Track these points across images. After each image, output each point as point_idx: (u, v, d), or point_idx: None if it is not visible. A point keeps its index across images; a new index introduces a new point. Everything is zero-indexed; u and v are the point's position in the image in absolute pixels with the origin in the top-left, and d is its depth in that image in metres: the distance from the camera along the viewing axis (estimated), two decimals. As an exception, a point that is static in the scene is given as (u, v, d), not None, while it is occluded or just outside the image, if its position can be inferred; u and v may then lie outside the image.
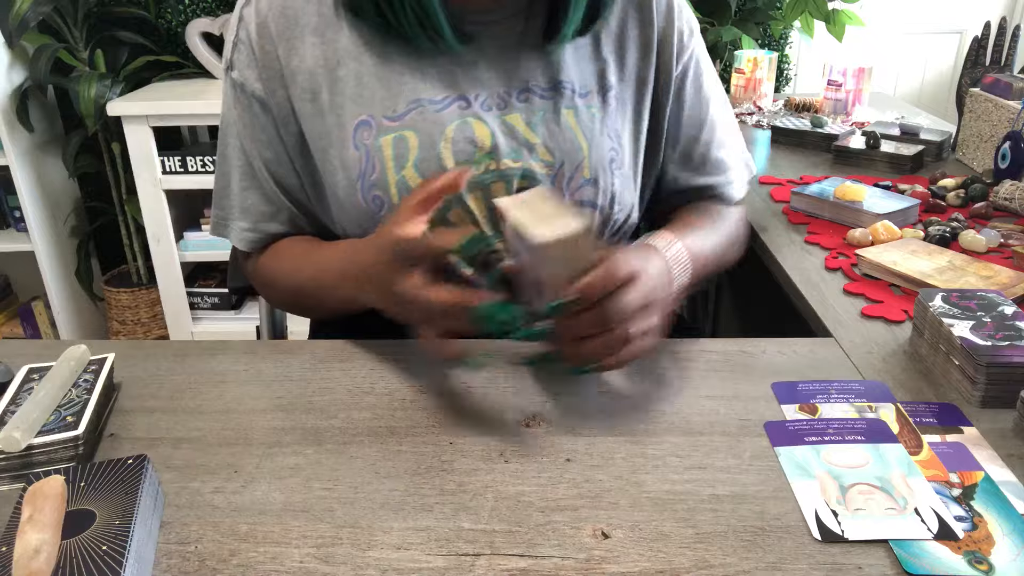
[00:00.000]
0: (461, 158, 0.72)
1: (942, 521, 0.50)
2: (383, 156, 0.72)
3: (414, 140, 0.72)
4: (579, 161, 0.74)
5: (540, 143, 0.74)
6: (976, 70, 1.42)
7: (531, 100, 0.74)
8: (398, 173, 0.72)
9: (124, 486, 0.49)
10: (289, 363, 0.71)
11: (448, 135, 0.72)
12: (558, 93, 0.75)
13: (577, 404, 0.63)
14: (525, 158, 0.73)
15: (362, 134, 0.73)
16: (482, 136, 0.72)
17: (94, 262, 2.42)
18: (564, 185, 0.74)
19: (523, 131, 0.74)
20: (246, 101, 0.77)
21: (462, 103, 0.73)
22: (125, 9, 2.16)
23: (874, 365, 0.69)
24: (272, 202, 0.80)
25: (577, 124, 0.75)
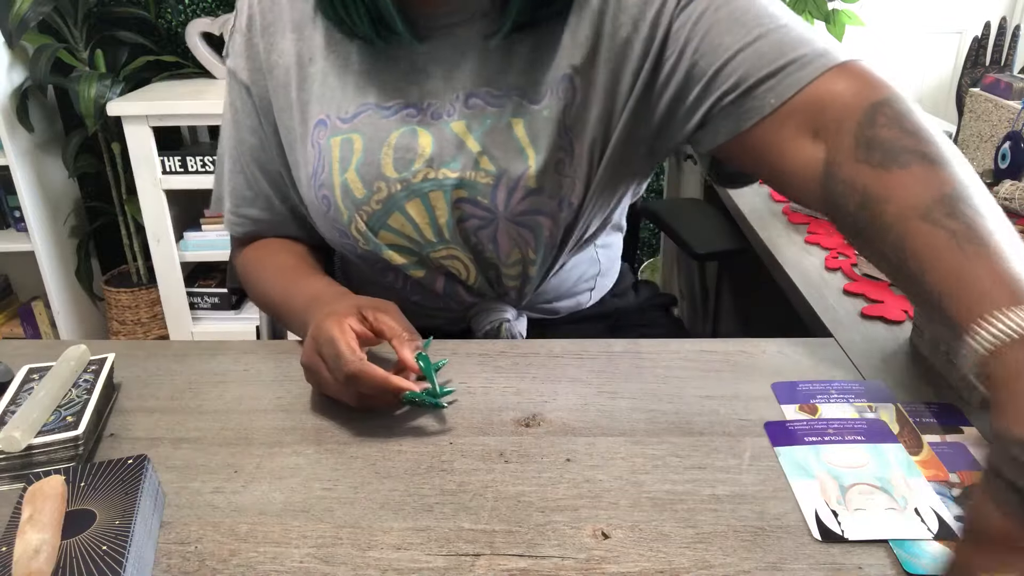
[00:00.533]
0: (400, 166, 0.72)
1: (942, 521, 0.50)
2: (331, 156, 0.73)
3: (359, 143, 0.73)
4: (522, 172, 0.71)
5: (481, 151, 0.71)
6: (976, 70, 1.43)
7: (479, 108, 0.71)
8: (342, 175, 0.73)
9: (124, 486, 0.49)
10: (289, 363, 0.71)
11: (391, 141, 0.72)
12: (508, 99, 0.71)
13: (577, 404, 0.63)
14: (464, 168, 0.71)
15: (318, 132, 0.74)
16: (423, 144, 0.72)
17: (94, 262, 2.42)
18: (506, 196, 0.72)
19: (466, 139, 0.72)
20: (237, 88, 0.80)
21: (411, 111, 0.73)
22: (125, 9, 2.16)
23: (874, 365, 0.69)
24: (251, 187, 0.82)
25: (525, 133, 0.71)
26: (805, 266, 0.92)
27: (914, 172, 0.56)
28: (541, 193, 0.72)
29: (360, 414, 0.62)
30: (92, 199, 2.38)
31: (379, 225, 0.74)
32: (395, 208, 0.73)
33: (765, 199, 1.16)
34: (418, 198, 0.73)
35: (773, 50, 0.65)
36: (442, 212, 0.73)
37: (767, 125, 0.66)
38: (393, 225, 0.74)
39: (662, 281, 2.22)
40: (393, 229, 0.75)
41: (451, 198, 0.72)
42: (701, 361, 0.70)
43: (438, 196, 0.72)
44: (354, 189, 0.73)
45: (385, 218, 0.74)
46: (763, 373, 0.68)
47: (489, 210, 0.73)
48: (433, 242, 0.75)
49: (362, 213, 0.74)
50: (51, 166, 2.20)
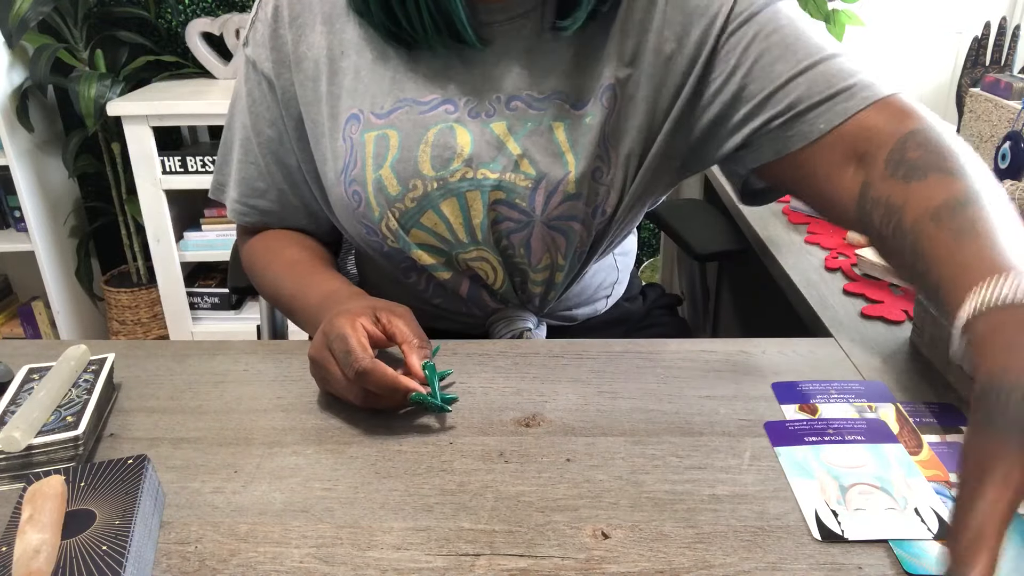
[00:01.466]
0: (437, 164, 0.71)
1: (942, 521, 0.50)
2: (364, 152, 0.72)
3: (395, 139, 0.71)
4: (562, 176, 0.71)
5: (522, 154, 0.71)
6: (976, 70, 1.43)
7: (519, 109, 0.71)
8: (375, 172, 0.72)
9: (124, 486, 0.49)
10: (289, 363, 0.71)
11: (428, 139, 0.71)
12: (550, 103, 0.71)
13: (577, 404, 0.63)
14: (503, 169, 0.71)
15: (351, 127, 0.73)
16: (462, 143, 0.71)
17: (94, 262, 2.42)
18: (544, 200, 0.72)
19: (507, 141, 0.71)
20: (256, 78, 0.77)
21: (449, 107, 0.72)
22: (125, 9, 2.16)
23: (874, 365, 0.69)
24: (264, 179, 0.80)
25: (566, 137, 0.71)
26: (805, 266, 0.92)
27: (930, 182, 0.58)
28: (579, 199, 0.72)
29: (360, 414, 0.62)
30: (92, 199, 2.38)
31: (411, 223, 0.73)
32: (429, 206, 0.72)
33: (765, 199, 1.16)
34: (454, 197, 0.72)
35: (824, 79, 0.67)
36: (477, 213, 0.72)
37: (814, 149, 0.68)
38: (426, 224, 0.73)
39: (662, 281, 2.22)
40: (425, 228, 0.74)
41: (488, 199, 0.72)
42: (701, 361, 0.70)
43: (475, 196, 0.72)
44: (388, 186, 0.72)
45: (418, 216, 0.73)
46: (763, 373, 0.68)
47: (526, 213, 0.73)
48: (464, 243, 0.74)
49: (395, 210, 0.73)
50: (51, 166, 2.20)
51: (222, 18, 2.15)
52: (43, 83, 2.03)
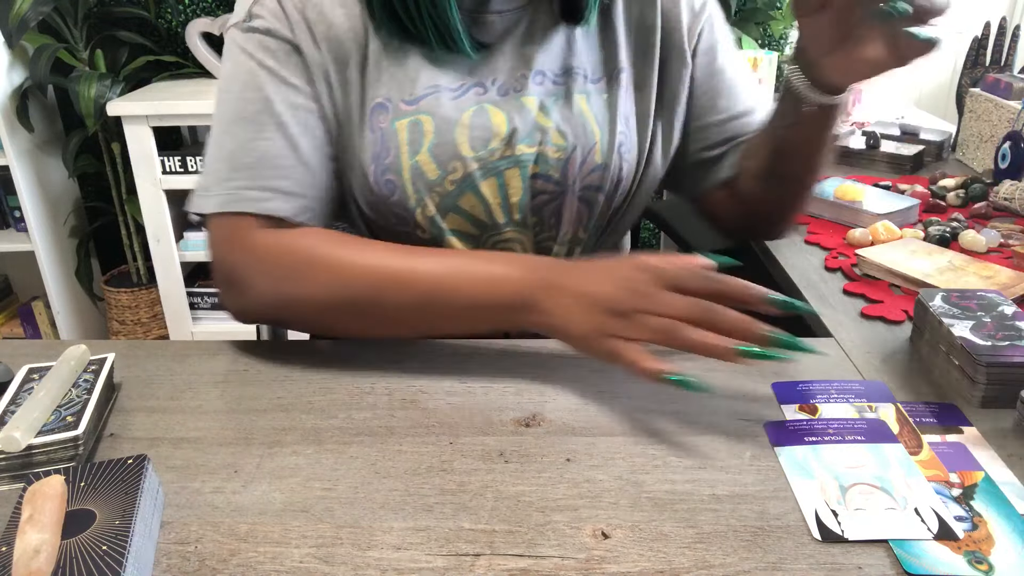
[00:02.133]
0: (477, 144, 0.72)
1: (942, 521, 0.50)
2: (398, 140, 0.71)
3: (429, 125, 0.72)
4: (591, 146, 0.75)
5: (553, 127, 0.74)
6: (976, 70, 1.42)
7: (545, 84, 0.75)
8: (412, 158, 0.71)
9: (124, 486, 0.49)
10: (289, 363, 0.71)
11: (464, 121, 0.72)
12: (571, 78, 0.76)
13: (577, 404, 0.63)
14: (538, 143, 0.74)
15: (377, 117, 0.72)
16: (498, 123, 0.73)
17: (94, 262, 2.42)
18: (576, 170, 0.75)
19: (537, 115, 0.74)
20: (274, 46, 0.69)
21: (479, 89, 0.74)
22: (125, 9, 2.16)
23: (874, 365, 0.69)
24: (291, 151, 0.69)
25: (589, 109, 0.75)
26: (805, 266, 0.92)
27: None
28: (605, 170, 0.76)
29: (361, 414, 0.62)
30: (92, 199, 2.38)
31: (450, 207, 0.74)
32: (469, 188, 0.73)
33: (765, 199, 1.16)
34: (493, 176, 0.73)
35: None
36: (516, 190, 0.74)
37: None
38: (464, 207, 0.74)
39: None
40: (463, 211, 0.74)
41: (527, 175, 0.74)
42: (701, 361, 0.70)
43: (514, 174, 0.74)
44: (427, 171, 0.72)
45: (458, 198, 0.73)
46: (763, 373, 0.68)
47: (560, 184, 0.75)
48: (500, 224, 0.76)
49: (434, 195, 0.73)
50: (51, 166, 2.20)
51: (222, 18, 2.15)
52: (43, 83, 2.03)
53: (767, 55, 1.77)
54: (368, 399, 0.65)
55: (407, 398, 0.65)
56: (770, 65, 1.77)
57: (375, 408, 0.63)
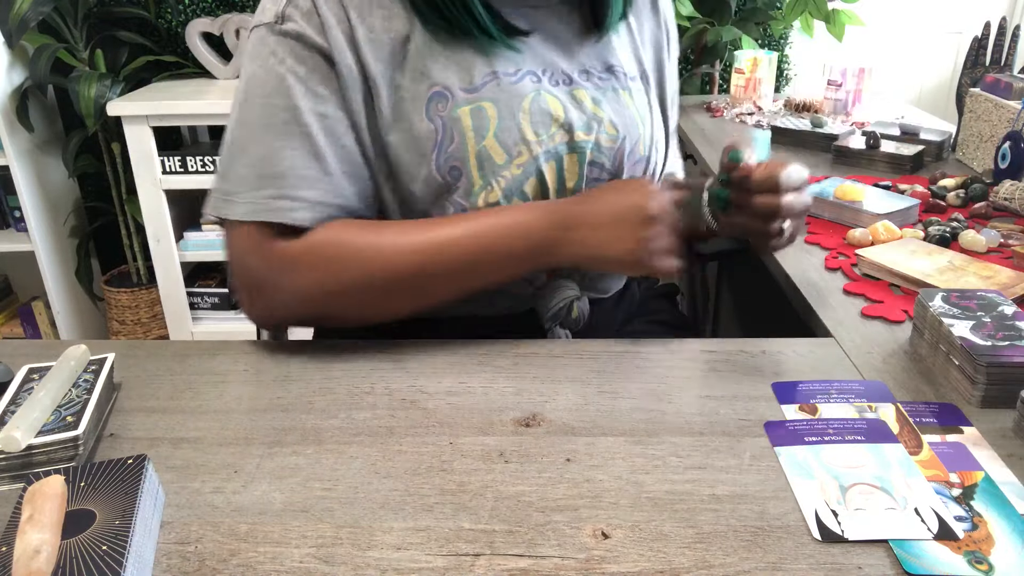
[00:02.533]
0: (539, 129, 0.74)
1: (942, 521, 0.50)
2: (462, 127, 0.72)
3: (492, 111, 0.73)
4: (638, 138, 0.80)
5: (607, 118, 0.78)
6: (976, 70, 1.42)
7: (592, 80, 0.79)
8: (479, 144, 0.72)
9: (124, 486, 0.49)
10: (289, 363, 0.71)
11: (525, 107, 0.74)
12: (613, 75, 0.80)
13: (577, 404, 0.63)
14: (594, 131, 0.77)
15: (436, 106, 0.71)
16: (555, 109, 0.75)
17: (94, 262, 2.42)
18: (625, 159, 0.79)
19: (590, 106, 0.77)
20: (305, 53, 0.69)
21: (533, 77, 0.76)
22: (125, 9, 2.16)
23: (874, 365, 0.69)
24: (317, 162, 0.70)
25: (632, 103, 0.80)
26: (805, 266, 0.92)
27: None
28: (648, 163, 0.82)
29: (360, 414, 0.62)
30: (92, 199, 2.38)
31: (515, 191, 0.74)
32: (533, 172, 0.75)
33: (765, 199, 1.16)
34: (554, 161, 0.76)
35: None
36: (572, 175, 0.77)
37: None
38: (527, 191, 0.75)
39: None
40: (525, 195, 0.75)
41: (586, 160, 0.77)
42: (701, 361, 0.70)
43: (572, 159, 0.76)
44: (494, 156, 0.73)
45: (523, 183, 0.74)
46: (763, 373, 0.68)
47: (611, 172, 0.79)
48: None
49: (500, 179, 0.73)
50: (51, 166, 2.20)
51: (222, 18, 2.15)
52: (43, 83, 2.03)
53: (767, 55, 1.77)
54: (368, 399, 0.65)
55: (407, 398, 0.65)
56: (770, 65, 1.77)
57: (375, 408, 0.63)
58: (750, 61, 1.76)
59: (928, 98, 2.55)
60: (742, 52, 1.79)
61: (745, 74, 1.78)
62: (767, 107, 1.76)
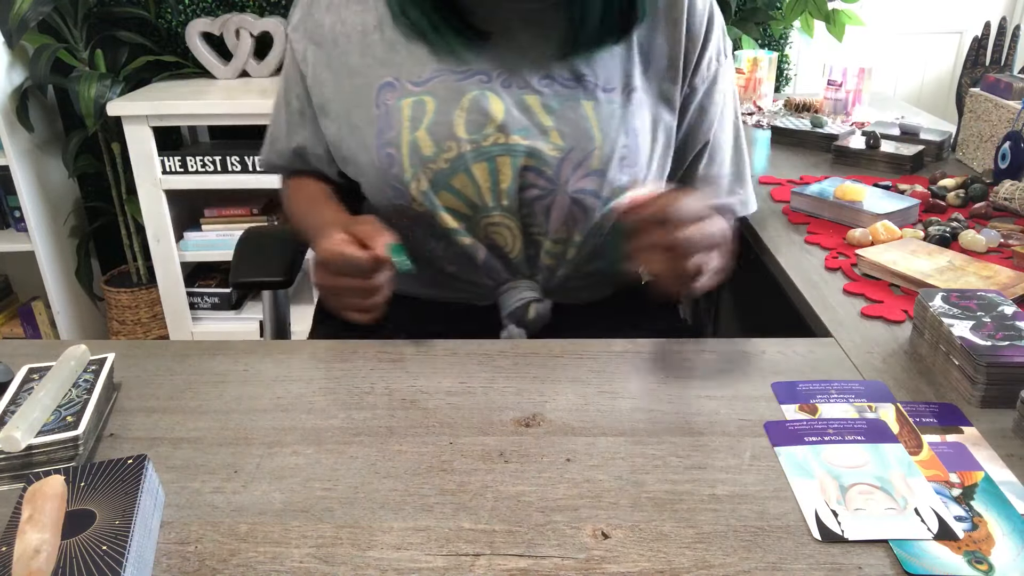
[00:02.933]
0: (472, 128, 0.76)
1: (942, 521, 0.50)
2: (401, 116, 0.77)
3: (431, 105, 0.77)
4: (590, 151, 0.77)
5: (553, 126, 0.77)
6: (976, 70, 1.42)
7: (552, 87, 0.78)
8: (412, 133, 0.76)
9: (124, 486, 0.49)
10: (289, 363, 0.71)
11: (464, 104, 0.76)
12: (581, 85, 0.78)
13: (577, 404, 0.63)
14: (534, 137, 0.76)
15: (385, 94, 0.78)
16: (495, 110, 0.76)
17: (94, 262, 2.41)
18: (570, 171, 0.77)
19: (538, 112, 0.77)
20: (291, 57, 0.86)
21: (483, 77, 0.77)
22: (125, 9, 2.16)
23: (874, 365, 0.69)
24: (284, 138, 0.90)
25: (595, 115, 0.78)
26: (805, 266, 0.92)
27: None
28: (602, 177, 0.78)
29: (360, 414, 0.62)
30: (92, 199, 2.38)
31: (442, 184, 0.77)
32: (462, 168, 0.76)
33: (765, 199, 1.16)
34: (485, 161, 0.76)
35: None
36: (506, 177, 0.77)
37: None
38: (455, 185, 0.77)
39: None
40: (454, 190, 0.77)
41: (518, 165, 0.76)
42: (701, 361, 0.70)
43: (505, 161, 0.76)
44: (423, 147, 0.76)
45: (450, 177, 0.77)
46: (763, 373, 0.68)
47: (552, 181, 0.77)
48: (489, 207, 0.78)
49: (427, 171, 0.77)
50: (51, 166, 2.20)
51: (222, 18, 2.15)
52: (43, 83, 2.03)
53: (767, 55, 1.77)
54: (368, 399, 0.65)
55: (407, 398, 0.65)
56: (770, 65, 1.77)
57: (375, 408, 0.63)
58: (750, 61, 1.76)
59: (928, 98, 2.55)
60: (742, 52, 1.78)
61: (745, 74, 1.78)
62: (767, 107, 1.76)
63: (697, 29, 0.81)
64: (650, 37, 0.81)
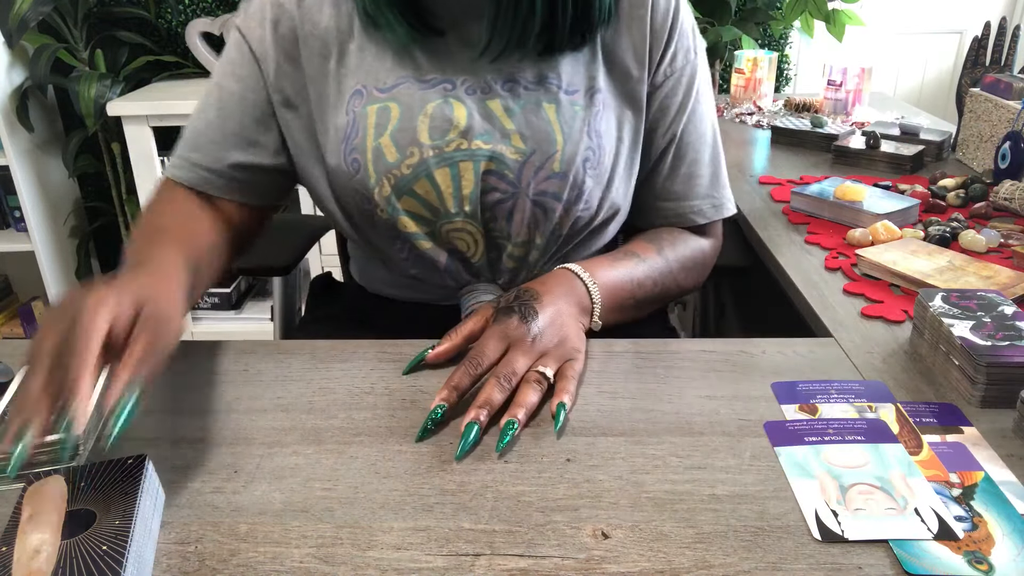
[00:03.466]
0: (435, 134, 0.76)
1: (942, 521, 0.50)
2: (366, 123, 0.77)
3: (396, 111, 0.77)
4: (551, 153, 0.77)
5: (515, 130, 0.77)
6: (976, 70, 1.43)
7: (515, 90, 0.78)
8: (376, 140, 0.77)
9: (124, 486, 0.49)
10: (289, 363, 0.71)
11: (428, 111, 0.76)
12: (543, 87, 0.78)
13: (577, 404, 0.63)
14: (496, 142, 0.76)
15: (354, 102, 0.78)
16: (458, 116, 0.76)
17: (94, 262, 2.42)
18: (532, 174, 0.77)
19: (500, 117, 0.77)
20: (239, 43, 0.81)
21: (447, 85, 0.78)
22: (125, 9, 2.16)
23: (874, 365, 0.69)
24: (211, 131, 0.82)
25: (556, 118, 0.77)
26: (805, 266, 0.92)
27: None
28: (563, 179, 0.77)
29: (360, 414, 0.62)
30: (92, 199, 2.38)
31: (404, 190, 0.77)
32: (424, 174, 0.76)
33: (765, 199, 1.16)
34: (447, 166, 0.76)
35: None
36: (468, 183, 0.77)
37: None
38: (418, 191, 0.77)
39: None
40: (416, 195, 0.77)
41: (480, 169, 0.76)
42: (701, 361, 0.70)
43: (467, 167, 0.76)
44: (387, 153, 0.76)
45: (412, 183, 0.77)
46: (763, 373, 0.68)
47: (513, 185, 0.77)
48: (451, 212, 0.78)
49: (391, 177, 0.77)
50: (51, 166, 2.20)
51: (222, 18, 2.15)
52: (43, 83, 2.03)
53: (767, 55, 1.77)
54: (368, 399, 0.65)
55: (407, 398, 0.65)
56: (770, 65, 1.77)
57: (375, 408, 0.63)
58: (750, 61, 1.76)
59: (928, 98, 2.55)
60: (742, 52, 1.79)
61: (745, 74, 1.78)
62: (767, 107, 1.76)
63: (660, 25, 0.79)
64: (614, 38, 0.80)
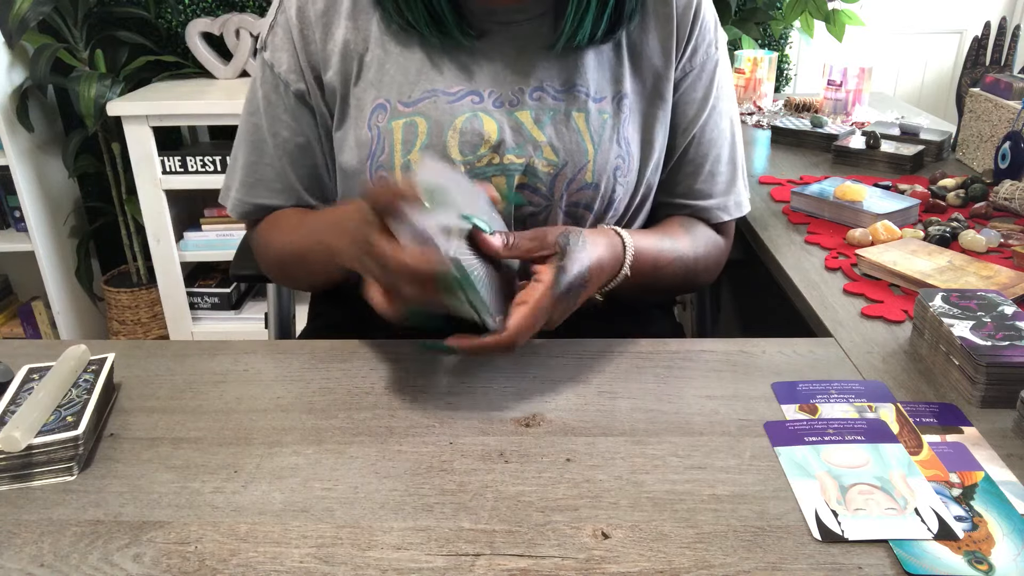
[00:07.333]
0: (466, 149, 0.75)
1: (942, 521, 0.50)
2: (393, 139, 0.76)
3: (423, 126, 0.75)
4: (583, 164, 0.76)
5: (546, 142, 0.76)
6: (976, 70, 1.42)
7: (543, 100, 0.77)
8: (404, 156, 0.75)
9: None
10: (289, 363, 0.71)
11: (457, 126, 0.75)
12: (571, 96, 0.77)
13: (577, 404, 0.63)
14: (529, 155, 0.75)
15: (377, 116, 0.77)
16: (489, 130, 0.75)
17: (94, 262, 2.42)
18: (564, 185, 0.76)
19: (530, 129, 0.76)
20: (273, 81, 0.80)
21: (475, 97, 0.76)
22: (125, 9, 2.16)
23: (874, 365, 0.69)
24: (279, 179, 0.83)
25: (586, 127, 0.76)
26: (805, 266, 0.92)
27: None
28: (596, 190, 0.77)
29: (360, 414, 0.62)
30: (92, 199, 2.38)
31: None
32: None
33: (765, 199, 1.16)
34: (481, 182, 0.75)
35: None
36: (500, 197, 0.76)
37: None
38: None
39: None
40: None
41: (514, 184, 0.76)
42: (701, 361, 0.70)
43: (501, 181, 0.76)
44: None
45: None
46: (763, 373, 0.68)
47: (546, 197, 0.77)
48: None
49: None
50: (51, 166, 2.20)
51: (222, 18, 2.15)
52: (43, 83, 2.03)
53: (767, 55, 1.77)
54: (368, 399, 0.65)
55: (407, 398, 0.65)
56: (770, 65, 1.77)
57: (375, 408, 0.63)
58: (750, 61, 1.76)
59: (928, 98, 2.55)
60: (742, 52, 1.78)
61: (745, 74, 1.78)
62: (767, 107, 1.76)
63: (682, 18, 0.80)
64: (640, 35, 0.79)
